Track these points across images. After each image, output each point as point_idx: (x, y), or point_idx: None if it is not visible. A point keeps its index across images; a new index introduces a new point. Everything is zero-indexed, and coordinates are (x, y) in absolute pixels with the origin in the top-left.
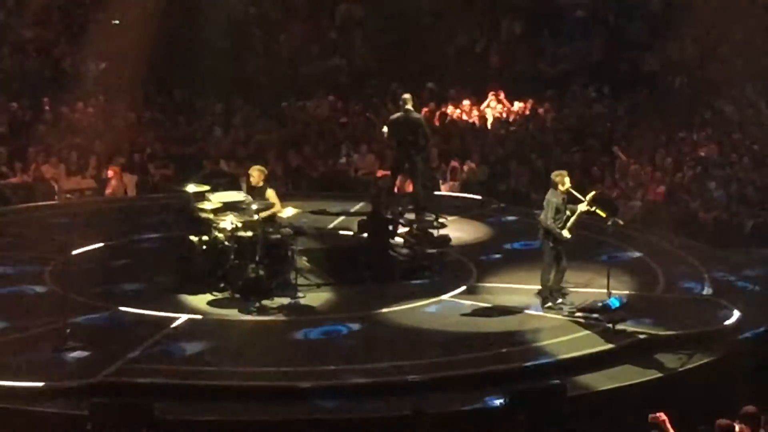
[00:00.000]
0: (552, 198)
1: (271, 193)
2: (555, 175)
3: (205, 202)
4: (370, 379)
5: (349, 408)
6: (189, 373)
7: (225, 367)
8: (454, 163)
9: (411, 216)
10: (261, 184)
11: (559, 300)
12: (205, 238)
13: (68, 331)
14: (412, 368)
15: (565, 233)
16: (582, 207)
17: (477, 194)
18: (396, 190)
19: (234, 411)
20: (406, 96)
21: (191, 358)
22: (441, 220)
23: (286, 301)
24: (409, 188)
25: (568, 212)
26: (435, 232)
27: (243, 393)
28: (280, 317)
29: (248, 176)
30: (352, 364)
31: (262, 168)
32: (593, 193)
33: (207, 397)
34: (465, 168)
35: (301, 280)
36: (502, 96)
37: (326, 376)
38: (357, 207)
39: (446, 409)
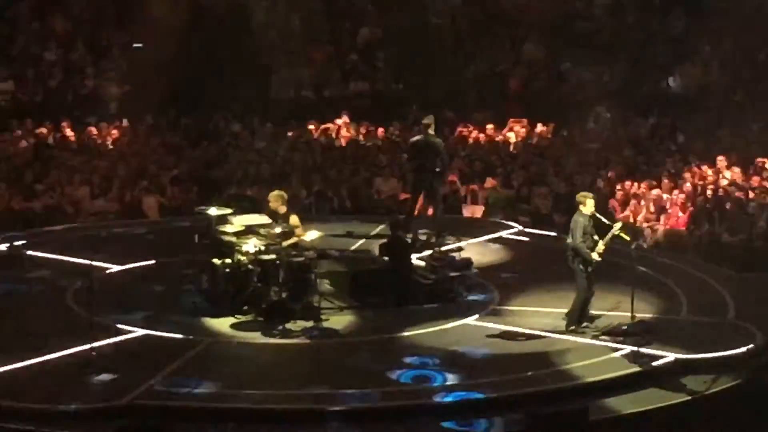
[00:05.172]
0: (579, 218)
1: (294, 218)
2: (580, 196)
3: (228, 225)
4: (393, 402)
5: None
6: (213, 396)
7: (249, 390)
8: (474, 187)
9: (431, 239)
10: (283, 209)
11: (584, 323)
12: (228, 261)
13: (94, 353)
14: (434, 390)
15: (594, 256)
16: (607, 239)
17: (499, 217)
18: (416, 213)
19: None
20: (427, 119)
21: (215, 381)
22: (460, 243)
23: (309, 324)
24: (429, 211)
25: (595, 237)
26: (456, 255)
27: (267, 416)
28: (304, 340)
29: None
30: (375, 387)
31: (281, 193)
32: (619, 224)
33: (231, 420)
34: (487, 185)
35: (324, 303)
36: (524, 122)
37: (349, 398)
38: (378, 230)
39: None
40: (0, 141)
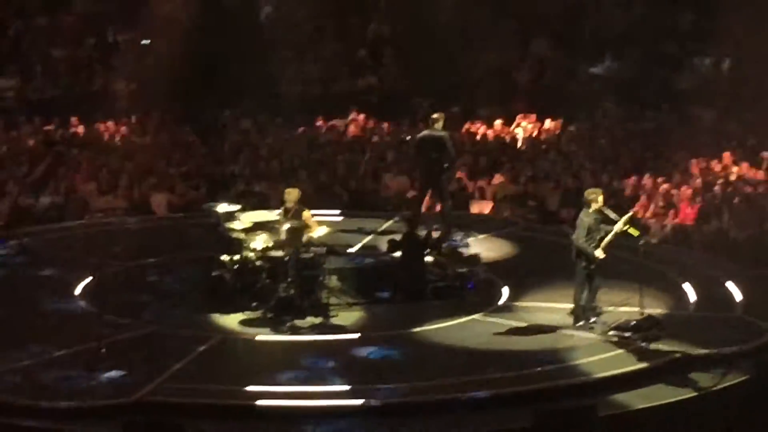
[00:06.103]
0: (584, 217)
1: (307, 214)
2: (589, 193)
3: (236, 222)
4: (403, 399)
5: (384, 428)
6: (221, 392)
7: (257, 386)
8: (482, 183)
9: (440, 235)
10: (297, 205)
11: (593, 319)
12: (236, 257)
13: (103, 350)
14: (443, 387)
15: (598, 253)
16: (618, 227)
17: (507, 213)
18: (424, 208)
19: (267, 431)
20: (436, 115)
21: (223, 377)
22: (468, 239)
23: (317, 320)
24: (438, 207)
25: (602, 232)
26: (465, 251)
27: (276, 412)
28: (312, 336)
29: (283, 198)
30: (385, 383)
31: (296, 189)
32: (630, 213)
33: (240, 417)
34: (494, 181)
35: (332, 299)
36: (532, 118)
37: (359, 394)
38: (386, 225)
39: (478, 429)
40: (8, 138)
